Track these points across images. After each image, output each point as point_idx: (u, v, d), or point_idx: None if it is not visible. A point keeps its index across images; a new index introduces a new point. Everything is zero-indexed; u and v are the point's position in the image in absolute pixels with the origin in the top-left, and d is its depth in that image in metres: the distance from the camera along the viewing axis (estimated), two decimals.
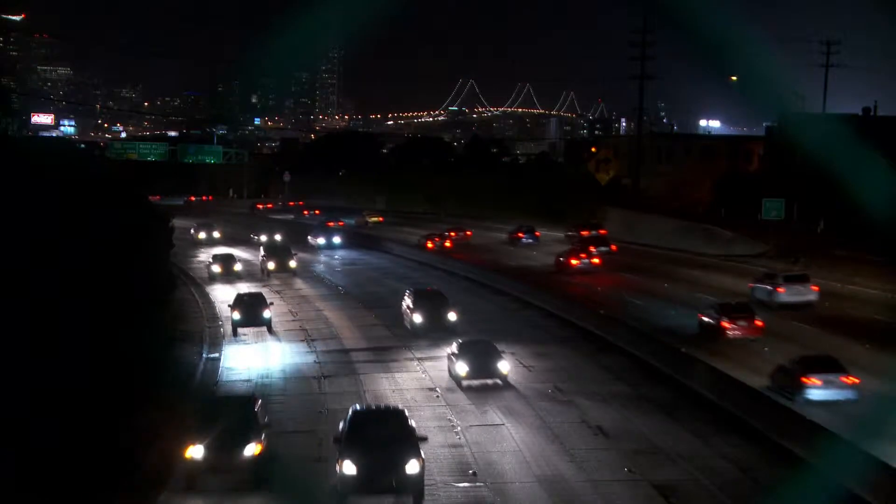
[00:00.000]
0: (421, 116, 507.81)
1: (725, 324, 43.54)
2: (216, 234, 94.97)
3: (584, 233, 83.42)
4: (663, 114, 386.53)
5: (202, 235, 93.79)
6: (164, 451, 28.62)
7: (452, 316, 47.77)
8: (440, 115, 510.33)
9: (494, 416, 33.62)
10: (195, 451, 26.02)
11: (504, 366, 37.89)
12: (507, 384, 37.66)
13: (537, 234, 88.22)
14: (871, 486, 23.58)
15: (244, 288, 59.30)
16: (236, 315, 48.60)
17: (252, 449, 26.20)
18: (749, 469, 27.74)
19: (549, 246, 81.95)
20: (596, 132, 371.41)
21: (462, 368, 37.54)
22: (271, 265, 69.84)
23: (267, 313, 48.83)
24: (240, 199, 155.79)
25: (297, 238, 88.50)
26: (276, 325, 50.05)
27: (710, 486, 26.46)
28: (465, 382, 37.45)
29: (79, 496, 25.33)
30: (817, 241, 71.93)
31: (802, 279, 52.88)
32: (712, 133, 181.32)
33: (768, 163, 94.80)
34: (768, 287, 48.50)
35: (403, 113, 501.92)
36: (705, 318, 45.30)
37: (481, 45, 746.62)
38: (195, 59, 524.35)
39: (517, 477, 27.41)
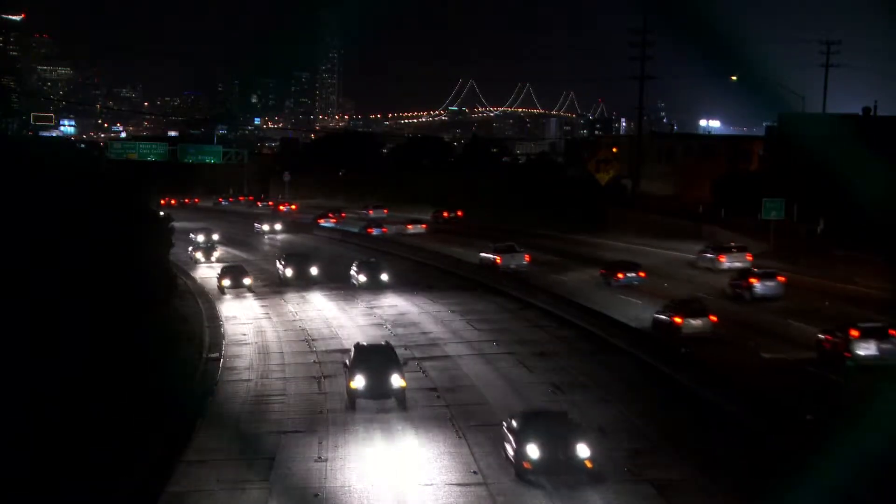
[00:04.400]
0: (421, 116, 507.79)
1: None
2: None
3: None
4: (663, 114, 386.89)
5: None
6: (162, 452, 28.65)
7: None
8: (440, 115, 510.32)
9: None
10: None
11: None
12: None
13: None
14: (870, 486, 23.58)
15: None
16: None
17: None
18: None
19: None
20: (596, 132, 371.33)
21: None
22: (289, 272, 66.02)
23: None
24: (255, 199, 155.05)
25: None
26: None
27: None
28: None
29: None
30: (817, 240, 71.90)
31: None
32: (712, 133, 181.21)
33: (768, 163, 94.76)
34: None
35: (403, 113, 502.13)
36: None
37: (481, 45, 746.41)
38: (195, 59, 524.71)
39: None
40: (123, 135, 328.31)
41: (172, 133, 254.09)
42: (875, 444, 23.98)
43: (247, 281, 63.50)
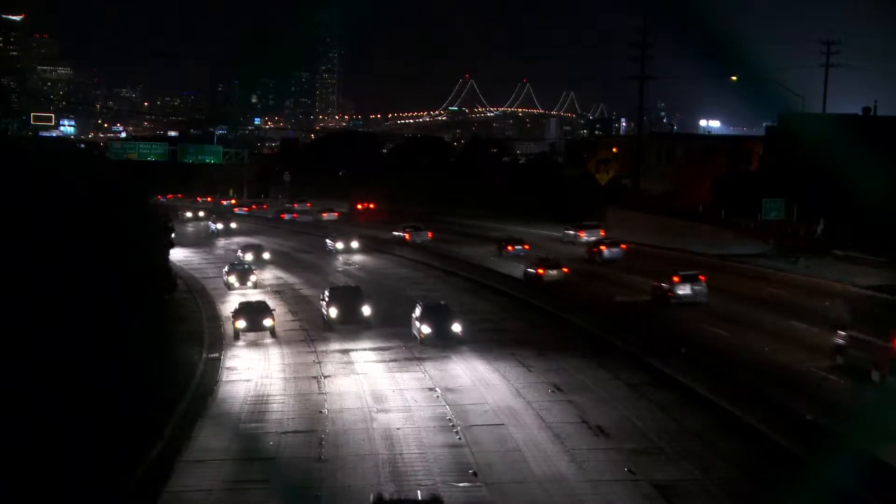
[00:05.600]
0: (421, 116, 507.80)
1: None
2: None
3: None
4: (663, 114, 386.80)
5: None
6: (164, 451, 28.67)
7: None
8: (440, 115, 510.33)
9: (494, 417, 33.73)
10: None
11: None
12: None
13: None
14: (870, 486, 23.57)
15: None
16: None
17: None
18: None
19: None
20: (596, 132, 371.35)
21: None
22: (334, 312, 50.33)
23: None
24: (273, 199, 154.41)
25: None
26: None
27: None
28: None
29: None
30: (817, 241, 71.92)
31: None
32: (712, 133, 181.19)
33: (768, 163, 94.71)
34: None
35: (403, 113, 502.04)
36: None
37: (481, 45, 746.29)
38: (195, 59, 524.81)
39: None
40: (123, 135, 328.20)
41: (172, 133, 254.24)
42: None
43: (267, 322, 47.69)
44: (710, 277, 55.38)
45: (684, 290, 53.64)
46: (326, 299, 50.67)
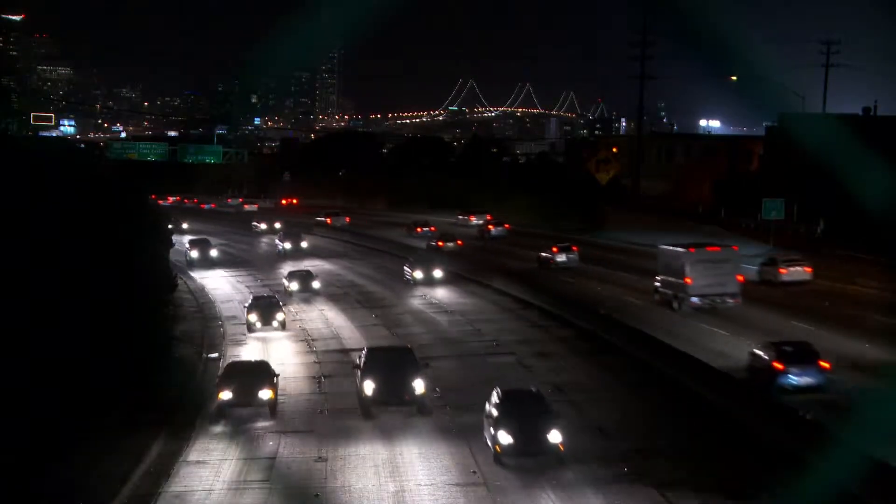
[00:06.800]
0: (421, 116, 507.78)
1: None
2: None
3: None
4: (663, 114, 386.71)
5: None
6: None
7: None
8: (440, 115, 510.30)
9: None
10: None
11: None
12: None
13: None
14: (870, 486, 23.59)
15: None
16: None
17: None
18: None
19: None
20: (596, 132, 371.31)
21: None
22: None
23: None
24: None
25: None
26: None
27: None
28: None
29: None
30: (817, 241, 71.90)
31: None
32: (712, 133, 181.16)
33: (768, 163, 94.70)
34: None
35: (403, 113, 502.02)
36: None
37: (481, 45, 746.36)
38: (195, 59, 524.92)
39: None
40: (123, 135, 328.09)
41: (172, 133, 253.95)
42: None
43: (264, 395, 34.33)
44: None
45: (562, 257, 70.01)
46: (362, 366, 35.55)
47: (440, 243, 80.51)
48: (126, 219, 44.63)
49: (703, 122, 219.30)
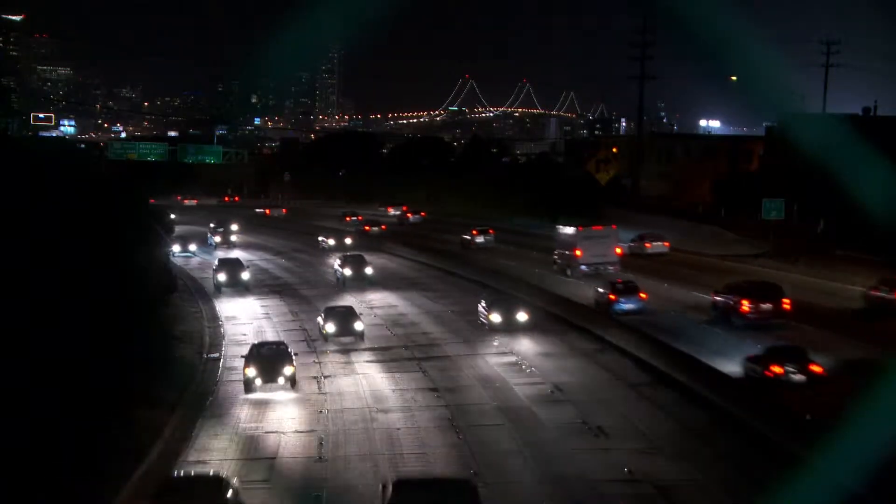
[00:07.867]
0: (421, 116, 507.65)
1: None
2: None
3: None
4: (663, 114, 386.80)
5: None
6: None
7: None
8: (440, 115, 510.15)
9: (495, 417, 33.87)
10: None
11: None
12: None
13: None
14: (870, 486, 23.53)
15: None
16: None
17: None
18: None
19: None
20: (596, 132, 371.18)
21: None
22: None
23: None
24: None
25: None
26: None
27: None
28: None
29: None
30: (817, 241, 71.88)
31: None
32: (712, 133, 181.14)
33: (768, 163, 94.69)
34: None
35: (403, 113, 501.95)
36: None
37: (481, 45, 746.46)
38: (195, 59, 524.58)
39: None
40: (123, 135, 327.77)
41: (172, 133, 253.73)
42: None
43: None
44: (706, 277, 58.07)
45: (480, 239, 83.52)
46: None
47: (367, 228, 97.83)
48: (126, 219, 44.62)
49: (703, 122, 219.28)
